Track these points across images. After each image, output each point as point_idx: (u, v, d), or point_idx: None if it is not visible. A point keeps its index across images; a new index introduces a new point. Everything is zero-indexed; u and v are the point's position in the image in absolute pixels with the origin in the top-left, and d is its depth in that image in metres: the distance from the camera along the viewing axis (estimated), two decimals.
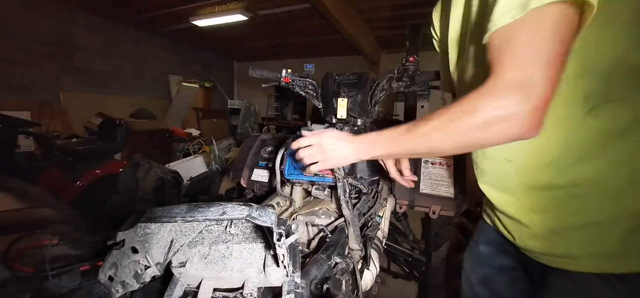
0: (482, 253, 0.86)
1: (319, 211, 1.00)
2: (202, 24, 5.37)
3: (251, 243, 0.64)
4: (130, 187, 2.24)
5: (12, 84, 4.27)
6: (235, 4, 4.71)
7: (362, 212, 1.00)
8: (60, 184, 2.26)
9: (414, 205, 1.21)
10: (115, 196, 2.31)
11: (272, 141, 1.37)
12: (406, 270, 1.68)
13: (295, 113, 9.23)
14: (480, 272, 0.87)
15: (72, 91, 4.97)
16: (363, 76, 1.16)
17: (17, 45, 4.30)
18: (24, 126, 2.60)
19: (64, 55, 4.89)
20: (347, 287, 0.70)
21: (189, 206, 0.55)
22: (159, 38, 6.47)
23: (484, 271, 0.86)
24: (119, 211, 2.22)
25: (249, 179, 1.32)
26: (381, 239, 1.07)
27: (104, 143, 2.67)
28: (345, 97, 1.08)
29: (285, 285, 0.58)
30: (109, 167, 2.46)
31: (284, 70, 1.21)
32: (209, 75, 7.85)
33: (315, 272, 0.66)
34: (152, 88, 6.51)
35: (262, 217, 0.53)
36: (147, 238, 0.59)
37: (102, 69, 5.49)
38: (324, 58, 7.74)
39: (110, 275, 0.60)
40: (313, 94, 1.21)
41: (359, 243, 0.89)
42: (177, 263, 0.64)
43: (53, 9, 4.65)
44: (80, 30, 5.08)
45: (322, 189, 1.01)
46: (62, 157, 2.48)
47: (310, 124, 1.14)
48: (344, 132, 0.78)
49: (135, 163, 2.28)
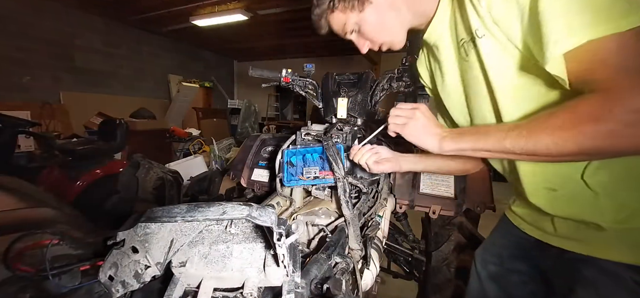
0: (502, 252, 0.87)
1: (319, 211, 1.00)
2: (202, 24, 5.37)
3: (251, 243, 0.64)
4: (130, 187, 2.24)
5: (12, 84, 4.27)
6: (235, 4, 4.71)
7: (362, 212, 1.00)
8: (60, 184, 2.26)
9: (414, 205, 1.21)
10: (115, 196, 2.30)
11: (272, 141, 1.38)
12: (406, 270, 1.68)
13: (295, 113, 9.22)
14: (492, 268, 0.89)
15: (72, 91, 4.97)
16: (363, 76, 1.17)
17: (17, 45, 4.30)
18: (24, 126, 2.60)
19: (64, 55, 4.89)
20: (347, 286, 0.70)
21: (189, 206, 0.55)
22: (159, 38, 6.47)
23: (496, 268, 0.88)
24: (119, 211, 2.21)
25: (249, 179, 1.32)
26: (381, 239, 1.07)
27: (104, 143, 2.67)
28: (345, 97, 1.08)
29: (285, 285, 0.58)
30: (109, 167, 2.45)
31: (284, 70, 1.21)
32: (209, 75, 7.85)
33: (315, 272, 0.66)
34: (152, 88, 6.51)
35: (262, 217, 0.53)
36: (147, 238, 0.59)
37: (102, 69, 5.49)
38: (323, 58, 7.74)
39: (111, 275, 0.60)
40: (313, 94, 1.21)
41: (359, 243, 0.89)
42: (177, 263, 0.64)
43: (53, 9, 4.65)
44: (80, 31, 5.08)
45: (322, 189, 1.01)
46: (62, 157, 2.48)
47: (311, 124, 1.14)
48: (435, 118, 0.76)
49: (135, 163, 2.28)
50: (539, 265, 0.79)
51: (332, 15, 0.77)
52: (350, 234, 0.88)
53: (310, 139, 1.05)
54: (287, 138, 1.09)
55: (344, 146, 0.99)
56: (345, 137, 1.04)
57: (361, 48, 0.83)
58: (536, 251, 0.77)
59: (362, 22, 0.75)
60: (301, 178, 0.95)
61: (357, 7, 0.73)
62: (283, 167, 0.99)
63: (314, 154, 1.00)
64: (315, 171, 0.94)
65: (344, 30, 0.79)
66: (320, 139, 1.00)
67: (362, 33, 0.79)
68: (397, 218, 1.62)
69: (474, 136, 0.62)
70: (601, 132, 0.44)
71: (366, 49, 0.83)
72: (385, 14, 0.74)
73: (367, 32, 0.77)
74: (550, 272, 0.75)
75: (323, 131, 1.04)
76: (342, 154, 0.93)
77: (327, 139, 0.92)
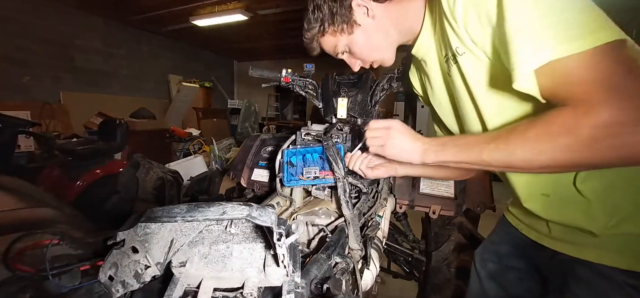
0: (500, 250, 0.89)
1: (319, 211, 1.00)
2: (202, 24, 5.37)
3: (251, 243, 0.64)
4: (130, 187, 2.24)
5: (12, 84, 4.27)
6: (235, 4, 4.71)
7: (362, 212, 1.00)
8: (60, 185, 2.26)
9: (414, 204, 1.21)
10: (115, 196, 2.30)
11: (272, 141, 1.38)
12: (406, 270, 1.68)
13: (295, 113, 9.23)
14: (491, 266, 0.91)
15: (72, 91, 4.97)
16: (363, 76, 1.17)
17: (17, 45, 4.30)
18: (24, 126, 2.60)
19: (64, 55, 4.89)
20: (347, 286, 0.70)
21: (189, 206, 0.55)
22: (159, 38, 6.47)
23: (495, 266, 0.90)
24: (119, 211, 2.22)
25: (249, 179, 1.32)
26: (381, 239, 1.07)
27: (104, 143, 2.66)
28: (345, 97, 1.08)
29: (285, 285, 0.58)
30: (109, 167, 2.45)
31: (284, 70, 1.21)
32: (209, 75, 7.85)
33: (315, 272, 0.66)
34: (152, 88, 6.51)
35: (262, 217, 0.53)
36: (147, 238, 0.59)
37: (102, 69, 5.49)
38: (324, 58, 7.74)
39: (111, 275, 0.60)
40: (313, 94, 1.21)
41: (359, 243, 0.89)
42: (177, 263, 0.64)
43: (53, 9, 4.65)
44: (80, 30, 5.08)
45: (322, 189, 1.01)
46: (62, 157, 2.48)
47: (311, 124, 1.14)
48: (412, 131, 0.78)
49: (135, 163, 2.28)
50: (535, 263, 0.80)
51: (323, 39, 0.82)
52: (350, 234, 0.88)
53: (310, 139, 1.05)
54: (287, 138, 1.09)
55: (344, 146, 0.99)
56: (345, 137, 1.04)
57: (353, 67, 0.87)
58: (532, 250, 0.78)
59: (352, 43, 0.79)
60: (301, 178, 0.95)
61: (347, 30, 0.77)
62: (283, 167, 0.99)
63: (314, 154, 1.00)
64: (315, 171, 0.94)
65: (335, 51, 0.83)
66: (320, 139, 1.00)
67: (352, 53, 0.83)
68: (397, 218, 1.62)
69: (454, 148, 0.63)
70: (572, 146, 0.45)
71: (358, 67, 0.87)
72: (373, 35, 0.77)
73: (358, 52, 0.81)
74: (545, 270, 0.77)
75: (323, 131, 1.04)
76: (342, 154, 0.93)
77: (327, 139, 0.92)
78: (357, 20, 0.75)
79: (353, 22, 0.75)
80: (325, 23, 0.77)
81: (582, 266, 0.64)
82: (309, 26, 0.80)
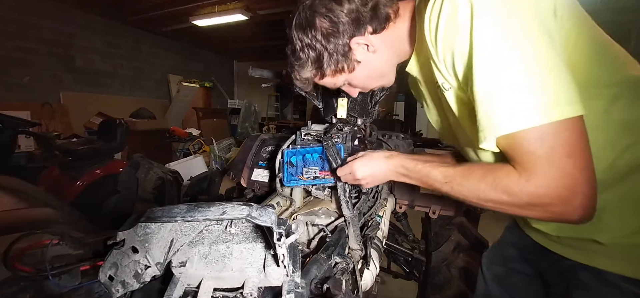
0: (507, 254, 0.89)
1: (319, 211, 1.00)
2: (202, 24, 5.37)
3: (251, 243, 0.64)
4: (130, 187, 2.24)
5: (12, 84, 4.27)
6: (235, 4, 4.70)
7: (362, 212, 1.00)
8: (60, 185, 2.26)
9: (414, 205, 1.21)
10: (115, 196, 2.30)
11: (272, 141, 1.37)
12: (406, 270, 1.68)
13: (295, 113, 9.22)
14: (496, 269, 0.91)
15: (72, 91, 4.97)
16: None
17: (17, 45, 4.30)
18: (24, 126, 2.61)
19: (64, 55, 4.89)
20: (347, 286, 0.70)
21: (189, 206, 0.55)
22: (159, 38, 6.46)
23: (500, 269, 0.90)
24: (119, 211, 2.22)
25: (249, 179, 1.32)
26: (381, 239, 1.07)
27: (104, 143, 2.67)
28: (345, 97, 1.08)
29: (285, 285, 0.58)
30: (109, 167, 2.45)
31: (284, 70, 1.21)
32: (209, 75, 7.85)
33: (315, 272, 0.66)
34: (152, 88, 6.51)
35: (262, 217, 0.53)
36: (147, 238, 0.59)
37: (102, 69, 5.49)
38: None
39: (111, 275, 0.60)
40: (313, 94, 1.21)
41: (359, 243, 0.89)
42: (177, 263, 0.64)
43: (53, 9, 4.65)
44: (80, 31, 5.08)
45: (322, 189, 1.01)
46: (62, 157, 2.48)
47: (311, 124, 1.14)
48: (376, 154, 0.81)
49: (135, 163, 2.28)
50: (539, 268, 0.80)
51: (321, 80, 0.78)
52: (350, 234, 0.88)
53: (310, 139, 1.05)
54: (287, 138, 1.09)
55: (344, 146, 0.99)
56: (345, 137, 1.04)
57: (353, 94, 0.86)
58: (538, 254, 0.78)
59: (353, 78, 0.77)
60: (301, 178, 0.95)
61: (347, 70, 0.74)
62: (283, 167, 0.99)
63: (314, 154, 1.00)
64: (315, 171, 0.94)
65: (334, 86, 0.81)
66: (320, 139, 1.00)
67: (353, 85, 0.81)
68: (397, 218, 1.62)
69: (419, 175, 0.69)
70: (513, 203, 0.54)
71: (357, 94, 0.87)
72: (375, 67, 0.76)
73: (359, 84, 0.81)
74: (548, 274, 0.77)
75: (323, 131, 1.04)
76: (342, 154, 0.93)
77: (327, 139, 0.92)
78: (358, 57, 0.72)
79: (353, 61, 0.72)
80: (324, 66, 0.72)
81: (587, 273, 0.64)
82: (300, 67, 0.74)
